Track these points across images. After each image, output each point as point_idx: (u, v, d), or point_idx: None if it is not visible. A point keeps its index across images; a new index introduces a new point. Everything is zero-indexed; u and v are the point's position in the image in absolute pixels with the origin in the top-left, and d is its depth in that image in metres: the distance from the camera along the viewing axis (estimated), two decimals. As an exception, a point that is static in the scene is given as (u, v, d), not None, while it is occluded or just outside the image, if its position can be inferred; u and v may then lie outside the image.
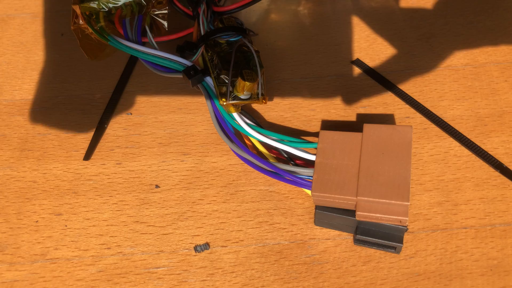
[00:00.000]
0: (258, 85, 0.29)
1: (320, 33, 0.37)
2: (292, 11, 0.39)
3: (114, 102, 0.34)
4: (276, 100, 0.33)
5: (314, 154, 0.26)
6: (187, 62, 0.31)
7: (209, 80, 0.30)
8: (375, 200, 0.24)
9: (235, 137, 0.29)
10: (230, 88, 0.29)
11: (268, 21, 0.38)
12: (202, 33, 0.32)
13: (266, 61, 0.35)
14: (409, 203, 0.23)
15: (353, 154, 0.25)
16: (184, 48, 0.32)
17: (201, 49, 0.31)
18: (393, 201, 0.23)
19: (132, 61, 0.36)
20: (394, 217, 0.23)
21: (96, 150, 0.31)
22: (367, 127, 0.26)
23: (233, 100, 0.29)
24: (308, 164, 0.27)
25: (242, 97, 0.29)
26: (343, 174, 0.25)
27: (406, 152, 0.24)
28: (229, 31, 0.31)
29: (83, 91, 0.34)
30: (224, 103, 0.29)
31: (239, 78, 0.29)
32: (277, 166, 0.26)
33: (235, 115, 0.29)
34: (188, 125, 0.32)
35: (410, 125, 0.27)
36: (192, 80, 0.30)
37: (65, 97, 0.34)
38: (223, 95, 0.29)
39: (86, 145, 0.31)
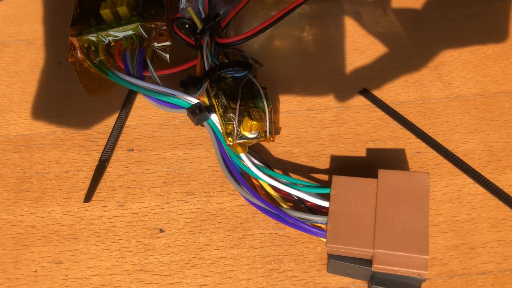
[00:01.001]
0: (265, 123, 0.28)
1: (325, 61, 0.36)
2: (296, 37, 0.38)
3: (115, 138, 0.32)
4: (283, 133, 0.32)
5: (327, 200, 0.25)
6: (191, 99, 0.30)
7: (214, 117, 0.29)
8: (393, 252, 0.23)
9: (242, 178, 0.28)
10: (237, 128, 0.28)
11: (272, 49, 0.37)
12: (207, 67, 0.31)
13: (271, 92, 0.34)
14: (428, 257, 0.22)
15: (369, 202, 0.24)
16: (187, 83, 0.31)
17: (206, 85, 0.30)
18: (411, 254, 0.22)
19: (133, 92, 0.35)
20: (413, 270, 0.22)
21: (97, 190, 0.30)
22: (382, 173, 0.25)
23: (240, 139, 0.28)
24: (320, 207, 0.26)
25: (250, 136, 0.28)
26: (359, 224, 0.23)
27: (423, 201, 0.23)
28: (235, 67, 0.30)
29: (81, 125, 0.33)
30: (231, 143, 0.28)
31: (246, 117, 0.28)
32: (289, 213, 0.25)
33: (243, 155, 0.28)
34: (192, 162, 0.31)
35: (427, 171, 0.26)
36: (197, 118, 0.29)
37: (63, 132, 0.33)
38: (229, 134, 0.28)
39: (86, 185, 0.30)
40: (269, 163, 0.30)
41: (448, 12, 0.39)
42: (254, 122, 0.27)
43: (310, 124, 0.33)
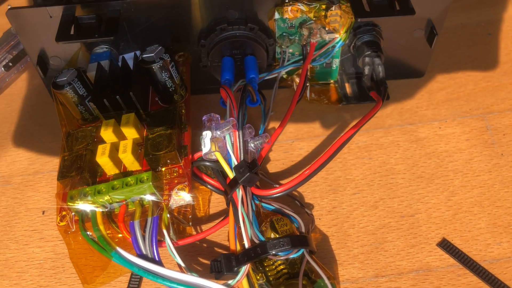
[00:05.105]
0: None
1: (385, 196, 0.29)
2: (343, 164, 0.30)
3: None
4: (348, 317, 0.24)
5: None
6: (228, 292, 0.22)
7: (263, 320, 0.21)
8: None
9: None
10: None
11: (313, 182, 0.30)
12: (246, 243, 0.22)
13: (321, 250, 0.26)
14: None
15: None
16: (221, 267, 0.22)
17: (246, 269, 0.22)
18: None
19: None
20: None
21: None
22: None
23: None
24: None
25: None
26: None
27: None
28: (287, 246, 0.22)
29: (76, 314, 0.25)
30: None
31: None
32: None
33: None
34: None
35: None
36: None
37: (51, 328, 0.24)
38: None
39: None
40: None
41: (523, 119, 0.32)
42: None
43: (383, 301, 0.25)
